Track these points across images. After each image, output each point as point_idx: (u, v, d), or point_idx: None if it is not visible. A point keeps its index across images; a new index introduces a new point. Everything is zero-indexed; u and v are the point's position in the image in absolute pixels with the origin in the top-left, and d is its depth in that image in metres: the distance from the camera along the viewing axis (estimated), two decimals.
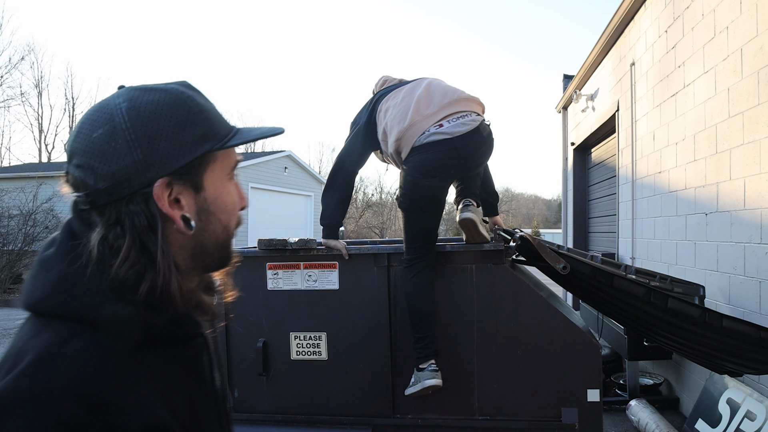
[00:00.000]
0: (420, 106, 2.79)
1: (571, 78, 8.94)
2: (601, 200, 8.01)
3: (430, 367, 2.72)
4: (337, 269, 2.88)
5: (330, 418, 2.89)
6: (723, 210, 3.70)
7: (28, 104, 38.26)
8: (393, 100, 2.89)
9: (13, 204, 16.02)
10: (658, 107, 4.91)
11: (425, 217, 2.78)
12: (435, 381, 2.67)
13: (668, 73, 4.69)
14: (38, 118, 33.77)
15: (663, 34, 4.82)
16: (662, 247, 4.83)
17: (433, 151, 2.71)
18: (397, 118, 2.80)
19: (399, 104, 2.85)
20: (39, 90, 33.53)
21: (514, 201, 59.25)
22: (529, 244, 2.74)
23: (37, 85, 33.42)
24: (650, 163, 5.13)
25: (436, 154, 2.71)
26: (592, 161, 8.58)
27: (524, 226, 49.01)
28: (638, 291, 2.60)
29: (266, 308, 2.95)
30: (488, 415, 2.76)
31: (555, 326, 2.71)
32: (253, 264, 2.97)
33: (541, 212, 57.61)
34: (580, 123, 8.43)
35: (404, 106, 2.82)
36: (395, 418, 2.83)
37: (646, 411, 3.95)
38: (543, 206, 60.12)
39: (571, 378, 2.69)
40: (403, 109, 2.81)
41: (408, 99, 2.84)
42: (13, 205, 15.97)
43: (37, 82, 33.37)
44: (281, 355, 2.93)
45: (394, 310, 2.83)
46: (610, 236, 7.17)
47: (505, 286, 2.75)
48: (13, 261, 15.00)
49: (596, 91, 7.41)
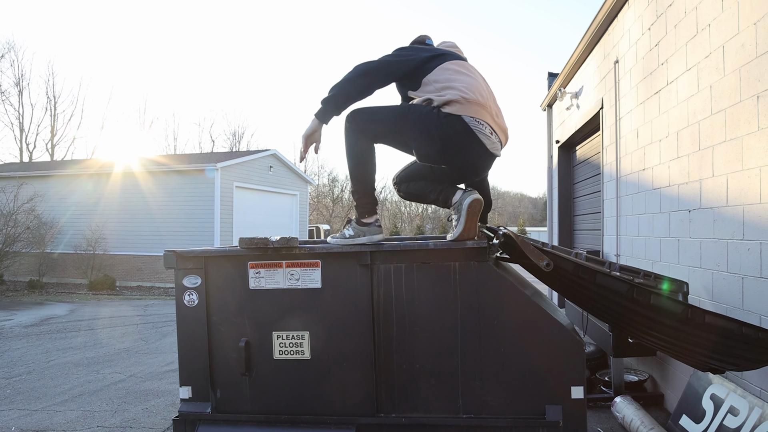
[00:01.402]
0: (491, 97, 2.91)
1: (556, 76, 8.96)
2: (586, 198, 8.04)
3: (376, 222, 2.91)
4: (320, 268, 2.85)
5: (314, 417, 2.86)
6: (706, 207, 3.71)
7: (8, 103, 37.74)
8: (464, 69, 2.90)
9: None
10: (642, 105, 4.93)
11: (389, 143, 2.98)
12: (381, 236, 2.91)
13: (652, 71, 4.71)
14: (19, 117, 33.45)
15: (646, 31, 4.84)
16: (646, 244, 4.85)
17: (471, 142, 2.79)
18: (470, 84, 2.81)
19: (471, 75, 2.89)
20: (20, 88, 33.19)
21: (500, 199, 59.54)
22: (513, 241, 2.73)
23: (17, 84, 33.09)
24: (634, 161, 5.15)
25: (467, 144, 2.79)
26: (576, 159, 8.61)
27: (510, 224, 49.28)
28: (621, 288, 2.61)
29: (248, 307, 2.92)
30: (472, 413, 2.75)
31: (539, 324, 2.70)
32: (235, 263, 2.94)
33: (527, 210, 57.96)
34: (565, 121, 8.46)
35: (478, 83, 2.87)
36: (379, 417, 2.81)
37: (631, 408, 3.96)
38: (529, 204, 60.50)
39: (555, 375, 2.69)
40: (476, 84, 2.85)
41: (482, 81, 2.93)
42: None
43: (17, 81, 33.05)
44: (264, 355, 2.90)
45: (377, 308, 2.80)
46: (595, 234, 7.20)
47: (488, 284, 2.73)
48: None
49: (581, 89, 7.44)
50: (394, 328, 2.80)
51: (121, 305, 12.79)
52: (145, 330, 9.14)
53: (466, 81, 2.83)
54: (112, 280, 16.78)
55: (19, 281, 17.11)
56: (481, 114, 2.78)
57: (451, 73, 2.85)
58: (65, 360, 6.91)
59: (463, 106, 2.74)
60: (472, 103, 2.75)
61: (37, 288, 16.40)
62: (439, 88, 2.79)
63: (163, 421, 4.55)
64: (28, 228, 16.31)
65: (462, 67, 2.92)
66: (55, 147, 34.45)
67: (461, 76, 2.85)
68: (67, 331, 9.06)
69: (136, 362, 6.75)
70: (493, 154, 2.89)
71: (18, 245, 15.86)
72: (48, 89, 41.65)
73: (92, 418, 4.69)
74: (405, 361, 2.80)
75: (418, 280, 2.78)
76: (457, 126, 2.74)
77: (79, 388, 5.61)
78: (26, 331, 9.10)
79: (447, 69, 2.86)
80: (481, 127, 2.77)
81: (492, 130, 2.83)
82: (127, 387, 5.62)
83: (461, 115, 2.73)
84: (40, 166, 22.09)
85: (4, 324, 9.90)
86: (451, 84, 2.79)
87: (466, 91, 2.76)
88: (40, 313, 11.44)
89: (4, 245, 15.17)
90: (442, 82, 2.81)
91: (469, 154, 2.84)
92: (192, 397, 2.99)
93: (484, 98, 2.82)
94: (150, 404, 5.03)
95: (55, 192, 18.17)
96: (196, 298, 2.96)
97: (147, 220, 17.25)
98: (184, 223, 16.71)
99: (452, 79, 2.82)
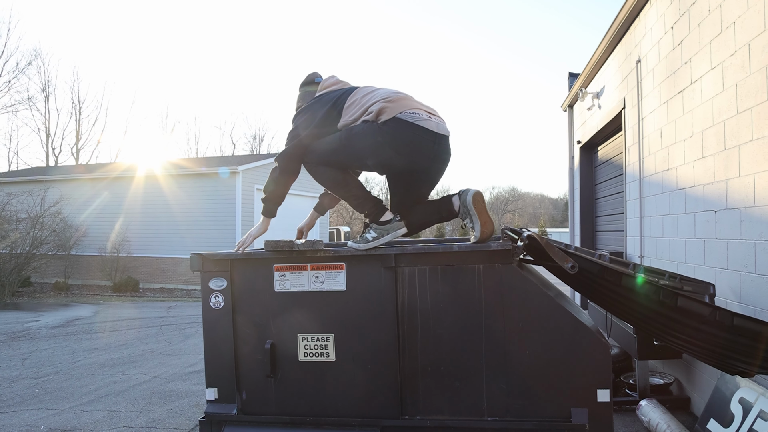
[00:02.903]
0: (409, 94, 2.95)
1: (577, 76, 8.90)
2: (608, 198, 7.96)
3: (396, 217, 2.91)
4: (344, 270, 2.87)
5: (338, 419, 2.88)
6: (732, 207, 3.67)
7: (35, 108, 38.45)
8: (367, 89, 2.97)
9: (21, 208, 16.13)
10: (665, 104, 4.88)
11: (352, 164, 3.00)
12: (405, 230, 2.90)
13: (675, 70, 4.66)
14: (45, 122, 34.06)
15: (669, 30, 4.79)
16: (671, 245, 4.80)
17: (416, 132, 2.78)
18: (385, 92, 2.89)
19: (381, 88, 2.95)
20: (46, 94, 33.81)
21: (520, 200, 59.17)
22: (537, 243, 2.72)
23: (44, 90, 33.71)
24: (658, 161, 5.09)
25: (414, 137, 2.79)
26: (598, 159, 8.54)
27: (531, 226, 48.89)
28: (647, 290, 2.58)
29: (273, 310, 2.94)
30: (497, 416, 2.74)
31: (564, 326, 2.69)
32: (260, 265, 2.97)
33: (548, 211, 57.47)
34: (586, 121, 8.39)
35: (391, 89, 2.93)
36: (403, 419, 2.81)
37: (656, 411, 3.92)
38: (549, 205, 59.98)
39: (581, 378, 2.67)
40: (390, 89, 2.93)
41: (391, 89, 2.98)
42: (21, 209, 16.09)
43: (44, 87, 33.70)
44: (289, 357, 2.92)
45: (401, 310, 2.81)
46: (618, 235, 7.13)
47: (513, 286, 2.72)
48: (21, 264, 15.08)
49: (602, 89, 7.38)
50: (418, 331, 2.80)
51: (144, 307, 12.95)
52: (169, 331, 9.25)
53: (379, 92, 2.91)
54: (136, 282, 17.01)
55: (45, 283, 17.43)
56: (411, 105, 2.83)
57: (362, 95, 2.93)
58: (91, 360, 7.03)
59: (391, 107, 2.79)
60: (397, 101, 2.82)
61: (62, 290, 16.69)
62: (363, 111, 2.86)
63: (187, 422, 4.61)
64: (54, 231, 16.60)
65: (359, 91, 2.98)
66: (80, 151, 35.07)
67: (371, 93, 2.92)
68: (92, 332, 9.20)
69: (160, 363, 6.84)
70: (443, 134, 2.88)
71: (44, 248, 16.15)
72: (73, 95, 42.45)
73: (118, 418, 4.76)
74: (430, 363, 2.80)
75: (442, 283, 2.78)
76: (398, 126, 2.76)
77: (105, 388, 5.70)
78: (53, 332, 9.26)
79: (354, 98, 2.94)
80: (418, 115, 2.80)
81: (428, 114, 2.85)
82: (151, 388, 5.69)
83: (395, 115, 2.77)
84: (66, 170, 22.46)
85: (32, 325, 10.09)
86: (370, 101, 2.86)
87: (386, 95, 2.85)
88: (66, 314, 11.64)
89: (31, 248, 15.44)
90: (361, 106, 2.88)
91: (423, 145, 2.83)
92: (218, 398, 3.02)
93: (404, 94, 2.91)
94: (174, 405, 5.09)
95: (79, 195, 18.46)
96: (222, 300, 3.00)
97: (169, 222, 17.44)
98: (206, 225, 16.86)
99: (366, 98, 2.89)
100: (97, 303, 13.94)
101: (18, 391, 5.67)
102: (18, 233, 15.35)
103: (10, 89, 30.33)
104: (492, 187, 67.09)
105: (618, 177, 7.09)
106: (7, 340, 8.51)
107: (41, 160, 33.99)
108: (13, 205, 16.02)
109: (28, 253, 15.36)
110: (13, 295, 14.63)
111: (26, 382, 6.01)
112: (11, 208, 15.92)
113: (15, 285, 14.89)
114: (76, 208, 18.01)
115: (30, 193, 16.74)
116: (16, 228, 15.48)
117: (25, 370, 6.55)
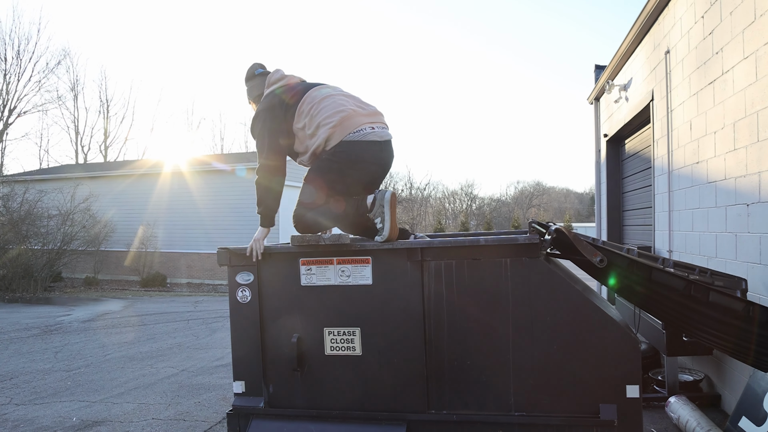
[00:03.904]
0: (356, 104, 3.08)
1: (603, 68, 8.77)
2: (635, 192, 7.85)
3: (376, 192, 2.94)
4: (370, 264, 2.87)
5: (364, 413, 2.89)
6: (766, 200, 3.58)
7: (64, 107, 39.38)
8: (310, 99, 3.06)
9: (52, 204, 16.46)
10: (695, 95, 4.78)
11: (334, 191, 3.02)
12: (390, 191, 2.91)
13: (705, 60, 4.56)
14: (74, 120, 34.73)
15: (699, 19, 4.69)
16: (701, 240, 4.71)
17: (363, 148, 2.96)
18: (328, 110, 3.00)
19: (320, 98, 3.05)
20: (75, 93, 34.48)
21: (545, 195, 58.52)
22: (565, 236, 2.69)
23: (72, 89, 34.38)
24: (687, 154, 5.00)
25: (363, 151, 2.97)
26: (625, 152, 8.41)
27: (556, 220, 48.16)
28: (678, 284, 2.53)
29: (300, 304, 2.96)
30: (524, 411, 2.72)
31: (592, 320, 2.66)
32: (287, 260, 2.98)
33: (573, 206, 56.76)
34: (613, 114, 8.27)
35: (331, 99, 3.04)
36: (430, 413, 2.81)
37: (686, 408, 3.86)
38: (575, 200, 59.25)
39: (610, 373, 2.64)
40: (331, 102, 3.03)
41: (329, 91, 3.11)
42: (52, 205, 16.42)
43: (72, 86, 34.39)
44: (315, 351, 2.94)
45: (428, 304, 2.81)
46: (646, 229, 7.02)
47: (540, 280, 2.70)
48: (52, 260, 15.42)
49: (629, 81, 7.26)
50: (445, 325, 2.80)
51: (171, 301, 13.15)
52: (196, 326, 9.38)
53: (324, 108, 3.01)
54: (163, 277, 17.27)
55: (76, 278, 17.80)
56: (354, 122, 2.98)
57: (309, 107, 3.03)
58: (120, 354, 7.16)
59: (338, 132, 2.95)
60: (341, 123, 2.96)
61: (92, 284, 17.03)
62: (311, 135, 3.02)
63: (215, 415, 4.67)
64: (84, 227, 16.93)
65: (307, 98, 3.06)
66: (108, 149, 35.68)
67: (318, 106, 3.02)
68: (121, 326, 9.37)
69: (187, 357, 6.94)
70: (386, 140, 3.07)
71: (75, 243, 16.49)
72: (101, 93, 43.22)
73: (147, 410, 4.84)
74: (456, 357, 2.79)
75: (469, 276, 2.77)
76: (347, 148, 2.95)
77: (134, 381, 5.80)
78: (84, 326, 9.46)
79: (302, 108, 3.04)
80: (363, 133, 2.97)
81: (371, 125, 3.01)
82: (179, 381, 5.77)
83: (341, 139, 2.95)
84: (95, 167, 22.87)
85: (63, 319, 10.31)
86: (318, 122, 2.98)
87: (330, 118, 2.97)
88: (96, 308, 11.87)
89: (62, 244, 15.77)
90: (309, 125, 3.02)
91: (373, 155, 3.01)
92: (245, 391, 3.05)
93: (345, 108, 3.01)
94: (202, 398, 5.16)
95: (108, 192, 18.79)
96: (249, 294, 3.02)
97: (195, 218, 17.65)
98: (232, 221, 17.03)
99: (314, 117, 3.01)
100: (126, 298, 14.19)
101: (51, 383, 5.80)
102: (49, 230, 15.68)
103: (41, 89, 31.01)
104: (517, 182, 66.61)
105: (646, 170, 6.98)
106: (40, 334, 8.71)
107: (71, 157, 34.70)
108: (44, 202, 16.36)
109: (59, 248, 15.71)
110: (45, 289, 14.97)
111: (58, 374, 6.15)
112: (42, 205, 16.26)
113: (47, 280, 15.25)
114: (104, 204, 18.34)
115: (60, 190, 17.10)
116: (47, 224, 15.81)
117: (58, 363, 6.70)
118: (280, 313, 2.99)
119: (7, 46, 28.41)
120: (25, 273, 14.60)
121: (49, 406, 5.01)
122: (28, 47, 31.86)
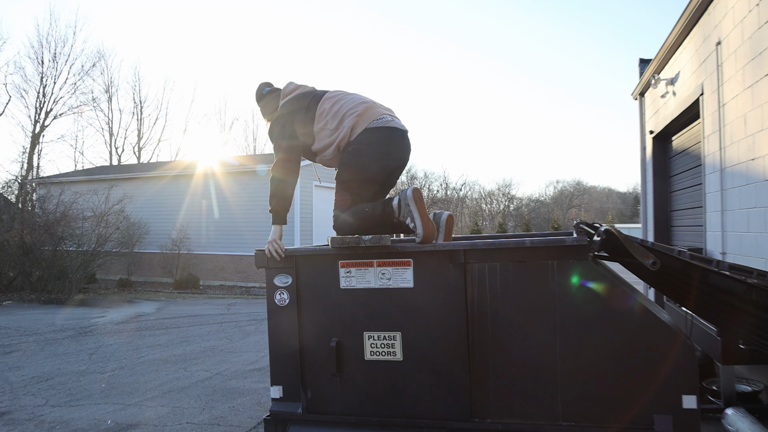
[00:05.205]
0: (371, 99, 3.21)
1: (648, 62, 8.50)
2: (684, 191, 7.56)
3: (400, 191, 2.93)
4: (412, 267, 2.76)
5: (405, 420, 2.80)
6: None
7: (99, 109, 40.28)
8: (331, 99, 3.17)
9: (87, 206, 16.72)
10: (750, 88, 4.54)
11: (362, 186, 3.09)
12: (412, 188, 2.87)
13: (761, 51, 4.32)
14: (108, 122, 35.37)
15: (754, 8, 4.45)
16: (758, 241, 4.46)
17: (388, 134, 3.05)
18: (349, 102, 3.11)
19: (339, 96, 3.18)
20: (109, 95, 35.10)
21: (586, 195, 57.43)
22: (615, 238, 2.54)
23: (107, 90, 35.00)
24: (741, 150, 4.75)
25: (389, 137, 3.05)
26: (673, 150, 8.12)
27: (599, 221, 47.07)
28: (738, 288, 2.36)
29: (339, 307, 2.89)
30: (573, 420, 2.59)
31: (645, 326, 2.51)
32: (326, 262, 2.91)
33: (616, 206, 55.40)
34: (659, 110, 7.99)
35: (355, 96, 3.18)
36: (473, 422, 2.70)
37: (745, 421, 3.63)
38: (618, 199, 57.88)
39: (664, 382, 2.48)
40: (353, 97, 3.17)
41: (358, 94, 3.23)
42: (86, 207, 16.68)
43: (107, 87, 34.98)
44: (355, 356, 2.86)
45: (471, 308, 2.69)
46: (696, 230, 6.75)
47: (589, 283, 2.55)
48: (87, 261, 15.65)
49: (677, 75, 6.99)
50: (488, 330, 2.68)
51: (204, 304, 13.23)
52: (229, 329, 9.38)
53: (347, 101, 3.13)
54: (196, 279, 17.40)
55: (110, 279, 18.08)
56: (376, 111, 3.08)
57: (330, 105, 3.14)
58: (154, 357, 7.17)
59: (362, 119, 3.04)
60: (365, 111, 3.06)
61: (126, 286, 17.28)
62: (334, 129, 3.08)
63: (249, 420, 4.59)
64: (118, 228, 17.16)
65: (326, 100, 3.17)
66: (141, 150, 36.24)
67: (339, 102, 3.13)
68: (155, 329, 9.43)
69: (221, 360, 6.91)
70: (405, 130, 3.18)
71: (109, 245, 16.71)
72: (135, 94, 43.86)
73: (181, 414, 4.80)
74: (500, 363, 2.68)
75: (514, 279, 2.65)
76: (371, 135, 3.02)
77: (168, 384, 5.79)
78: (117, 328, 9.55)
79: (323, 108, 3.14)
80: (384, 120, 3.06)
81: (390, 116, 3.12)
82: (213, 385, 5.74)
83: (366, 126, 3.02)
84: (128, 168, 23.25)
85: (97, 321, 10.43)
86: (340, 112, 3.09)
87: (354, 109, 3.07)
88: (129, 310, 12.00)
89: (96, 245, 16.00)
90: (334, 115, 3.09)
91: (397, 140, 3.10)
92: (283, 396, 2.98)
93: (366, 100, 3.16)
94: (236, 402, 5.10)
95: (141, 193, 19.05)
96: (287, 297, 2.94)
97: (228, 219, 17.76)
98: (265, 222, 17.00)
99: (336, 107, 3.11)
100: (159, 300, 14.34)
101: (86, 385, 5.83)
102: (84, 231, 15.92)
103: (76, 91, 31.66)
104: (556, 181, 65.53)
105: (695, 168, 6.72)
106: (75, 335, 8.82)
107: (105, 159, 35.35)
108: (79, 203, 16.63)
109: (93, 250, 15.94)
110: (80, 291, 15.21)
111: (93, 376, 6.18)
112: (77, 206, 16.53)
113: (81, 281, 15.49)
114: (138, 206, 18.59)
115: (95, 192, 17.41)
116: (82, 226, 16.05)
117: (92, 365, 6.74)
118: (319, 316, 2.92)
119: (44, 49, 29.02)
120: (60, 274, 14.84)
121: (84, 408, 5.01)
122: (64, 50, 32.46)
